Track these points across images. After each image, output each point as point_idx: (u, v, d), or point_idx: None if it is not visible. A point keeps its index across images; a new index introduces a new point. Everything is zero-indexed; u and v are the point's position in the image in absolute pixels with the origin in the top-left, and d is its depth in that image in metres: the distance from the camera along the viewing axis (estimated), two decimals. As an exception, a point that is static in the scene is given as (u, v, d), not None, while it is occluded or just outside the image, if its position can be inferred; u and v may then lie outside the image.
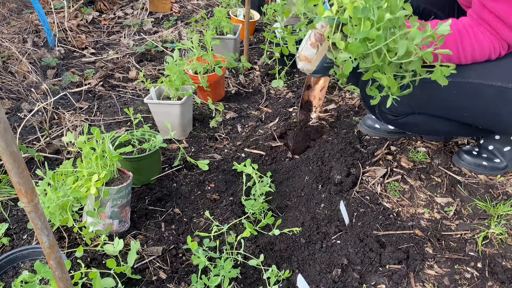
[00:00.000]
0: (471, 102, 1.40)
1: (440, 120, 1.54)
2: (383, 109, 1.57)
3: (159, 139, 1.67)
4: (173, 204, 1.62)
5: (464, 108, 1.43)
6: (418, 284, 1.27)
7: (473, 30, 1.33)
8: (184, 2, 4.05)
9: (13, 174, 0.67)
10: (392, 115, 1.59)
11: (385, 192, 1.64)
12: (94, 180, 1.30)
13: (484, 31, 1.31)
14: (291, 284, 1.27)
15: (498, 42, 1.30)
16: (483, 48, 1.32)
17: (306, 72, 1.49)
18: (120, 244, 1.24)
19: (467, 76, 1.36)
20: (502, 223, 1.44)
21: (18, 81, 2.45)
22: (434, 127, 1.62)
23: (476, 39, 1.31)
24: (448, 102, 1.44)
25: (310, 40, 1.39)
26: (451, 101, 1.43)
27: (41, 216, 0.74)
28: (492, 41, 1.31)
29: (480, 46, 1.32)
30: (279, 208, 1.60)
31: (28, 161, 1.85)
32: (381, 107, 1.58)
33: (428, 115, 1.54)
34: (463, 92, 1.39)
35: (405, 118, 1.58)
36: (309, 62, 1.44)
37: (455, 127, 1.57)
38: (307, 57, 1.43)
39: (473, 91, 1.37)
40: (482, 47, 1.31)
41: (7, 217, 1.54)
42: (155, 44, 3.07)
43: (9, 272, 1.25)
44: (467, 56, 1.34)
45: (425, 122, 1.57)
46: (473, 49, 1.32)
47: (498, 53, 1.33)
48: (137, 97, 2.46)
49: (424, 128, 1.67)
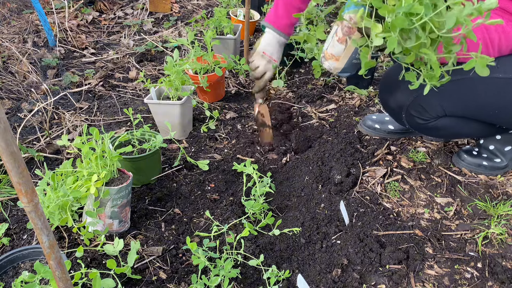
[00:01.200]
0: (503, 98, 1.36)
1: (468, 122, 1.49)
2: (413, 112, 1.48)
3: (159, 139, 1.67)
4: (173, 204, 1.62)
5: (499, 105, 1.38)
6: (418, 284, 1.27)
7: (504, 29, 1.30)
8: (184, 2, 4.06)
9: (13, 174, 0.67)
10: (421, 119, 1.49)
11: (385, 192, 1.64)
12: (94, 180, 1.30)
13: (508, 22, 1.29)
14: (291, 284, 1.27)
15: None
16: (508, 37, 1.29)
17: (333, 71, 1.43)
18: (120, 244, 1.24)
19: (503, 71, 1.32)
20: (502, 223, 1.44)
21: (18, 81, 2.46)
22: (461, 130, 1.56)
23: (501, 28, 1.29)
24: (483, 100, 1.39)
25: (337, 36, 1.33)
26: (486, 98, 1.38)
27: (41, 216, 0.74)
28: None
29: (506, 35, 1.29)
30: (279, 208, 1.60)
31: (28, 161, 1.85)
32: (410, 111, 1.49)
33: (458, 117, 1.48)
34: (496, 87, 1.34)
35: (435, 122, 1.50)
36: (337, 60, 1.39)
37: (481, 128, 1.53)
38: (334, 55, 1.38)
39: (506, 86, 1.33)
40: (507, 35, 1.29)
41: (7, 217, 1.54)
42: (155, 44, 3.07)
43: (9, 272, 1.25)
44: (494, 46, 1.30)
45: (453, 125, 1.51)
46: (499, 39, 1.29)
47: None
48: (137, 97, 2.46)
49: (450, 132, 1.60)
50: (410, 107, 1.48)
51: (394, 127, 1.89)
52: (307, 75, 2.65)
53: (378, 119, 1.94)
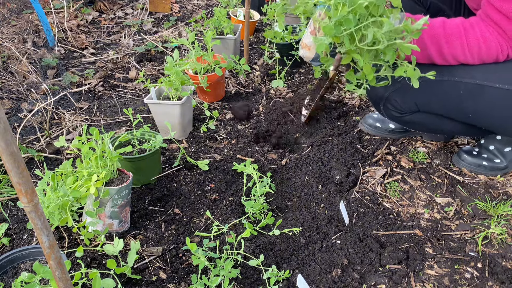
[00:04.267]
0: (476, 103, 1.39)
1: (445, 119, 1.54)
2: (389, 105, 1.56)
3: (159, 139, 1.67)
4: (173, 204, 1.62)
5: (470, 109, 1.42)
6: (418, 284, 1.27)
7: (481, 29, 1.31)
8: (184, 2, 4.06)
9: (13, 174, 0.67)
10: (397, 112, 1.58)
11: (385, 192, 1.64)
12: (94, 180, 1.30)
13: (492, 31, 1.29)
14: (291, 284, 1.27)
15: (506, 43, 1.29)
16: (490, 48, 1.30)
17: (305, 60, 1.55)
18: (120, 244, 1.24)
19: (474, 77, 1.36)
20: (502, 223, 1.44)
21: (18, 81, 2.45)
22: (439, 126, 1.61)
23: (483, 38, 1.29)
24: (454, 102, 1.43)
25: (310, 28, 1.45)
26: (456, 101, 1.42)
27: (41, 216, 0.74)
28: (500, 41, 1.29)
29: (487, 46, 1.29)
30: (279, 208, 1.60)
31: (28, 161, 1.85)
32: (387, 104, 1.57)
33: (433, 114, 1.53)
34: (470, 93, 1.37)
35: (410, 116, 1.57)
36: (309, 49, 1.51)
37: (459, 127, 1.56)
38: (306, 44, 1.50)
39: (479, 92, 1.36)
40: (489, 47, 1.30)
41: (7, 217, 1.54)
42: (155, 44, 3.07)
43: (9, 272, 1.25)
44: (473, 55, 1.32)
45: (430, 121, 1.57)
46: (479, 48, 1.30)
47: (506, 54, 1.31)
48: (137, 97, 2.46)
49: (428, 127, 1.66)
50: (387, 100, 1.55)
51: (395, 125, 1.89)
52: (307, 75, 2.65)
53: (379, 117, 1.94)
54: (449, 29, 1.32)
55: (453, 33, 1.32)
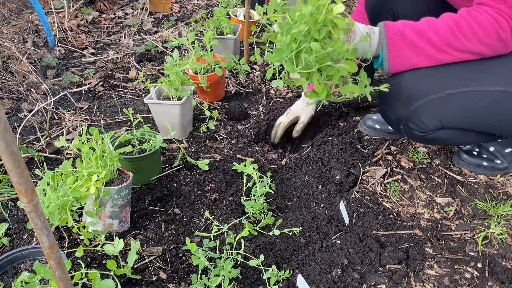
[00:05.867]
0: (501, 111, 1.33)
1: (468, 132, 1.46)
2: (411, 125, 1.43)
3: (159, 139, 1.67)
4: (173, 204, 1.62)
5: (497, 119, 1.36)
6: (418, 284, 1.27)
7: (470, 13, 1.25)
8: (184, 2, 4.06)
9: (13, 174, 0.67)
10: (419, 131, 1.45)
11: (385, 192, 1.64)
12: (94, 180, 1.30)
13: (481, 12, 1.23)
14: (291, 284, 1.27)
15: (503, 17, 1.20)
16: (484, 26, 1.21)
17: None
18: (120, 244, 1.24)
19: (494, 84, 1.29)
20: (502, 223, 1.44)
21: (18, 81, 2.45)
22: (462, 140, 1.53)
23: (474, 20, 1.22)
24: (478, 114, 1.36)
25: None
26: (481, 112, 1.35)
27: (41, 216, 0.74)
28: (494, 16, 1.20)
29: (480, 25, 1.21)
30: (279, 208, 1.60)
31: (28, 161, 1.85)
32: (408, 123, 1.43)
33: (458, 129, 1.44)
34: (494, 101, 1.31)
35: (434, 134, 1.45)
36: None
37: (480, 137, 1.50)
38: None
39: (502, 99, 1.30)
40: (483, 25, 1.21)
41: (7, 217, 1.54)
42: (155, 44, 3.07)
43: (9, 272, 1.25)
44: (472, 41, 1.24)
45: (453, 136, 1.47)
46: (473, 31, 1.23)
47: (509, 29, 1.21)
48: (137, 97, 2.46)
49: (451, 142, 1.59)
50: (409, 119, 1.42)
51: (394, 127, 1.89)
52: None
53: (378, 119, 1.94)
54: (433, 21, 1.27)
55: (438, 21, 1.26)
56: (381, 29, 1.31)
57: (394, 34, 1.29)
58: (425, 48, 1.28)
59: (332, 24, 1.12)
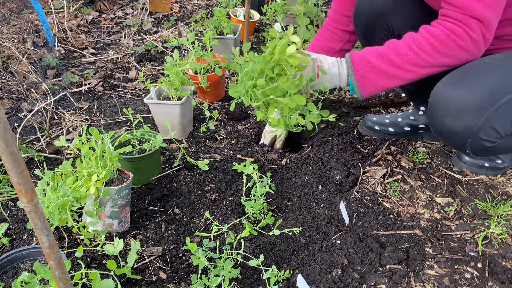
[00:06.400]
0: None
1: None
2: (482, 136, 1.34)
3: (159, 139, 1.67)
4: (173, 204, 1.62)
5: None
6: (418, 284, 1.27)
7: (427, 29, 1.30)
8: (184, 2, 4.06)
9: (13, 174, 0.67)
10: (490, 142, 1.37)
11: (385, 192, 1.64)
12: (94, 180, 1.30)
13: (438, 25, 1.28)
14: (291, 284, 1.27)
15: (459, 27, 1.25)
16: (441, 39, 1.26)
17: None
18: (120, 244, 1.24)
19: None
20: (502, 223, 1.44)
21: (18, 81, 2.45)
22: None
23: (431, 35, 1.28)
24: None
25: None
26: None
27: (41, 216, 0.74)
28: (450, 28, 1.25)
29: (437, 39, 1.27)
30: (279, 208, 1.60)
31: (28, 161, 1.85)
32: (479, 135, 1.34)
33: None
34: None
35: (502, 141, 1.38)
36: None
37: None
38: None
39: None
40: (439, 38, 1.27)
41: (7, 217, 1.54)
42: (155, 44, 3.07)
43: (9, 272, 1.25)
44: (433, 55, 1.29)
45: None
46: (431, 46, 1.28)
47: (467, 35, 1.25)
48: (137, 97, 2.46)
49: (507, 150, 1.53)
50: (479, 131, 1.32)
51: (394, 129, 1.89)
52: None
53: (378, 120, 1.93)
54: (394, 43, 1.34)
55: (399, 42, 1.33)
56: (347, 59, 1.39)
57: (358, 62, 1.36)
58: (389, 70, 1.33)
59: (285, 63, 1.26)
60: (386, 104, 2.24)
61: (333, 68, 1.42)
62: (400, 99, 2.24)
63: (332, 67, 1.41)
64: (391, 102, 2.24)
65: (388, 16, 1.53)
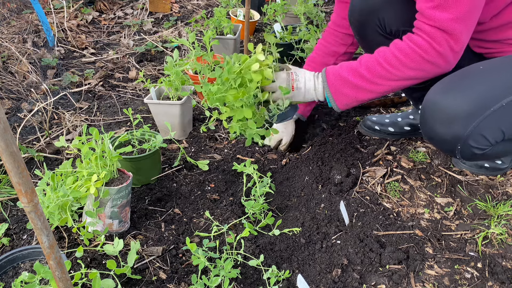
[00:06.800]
0: None
1: None
2: (471, 143, 1.35)
3: (159, 139, 1.67)
4: (173, 204, 1.62)
5: None
6: (418, 284, 1.27)
7: (395, 44, 1.34)
8: (184, 2, 4.05)
9: (13, 174, 0.67)
10: (479, 149, 1.38)
11: (385, 192, 1.64)
12: (94, 180, 1.30)
13: (405, 40, 1.32)
14: (291, 284, 1.27)
15: (424, 40, 1.27)
16: (407, 53, 1.30)
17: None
18: (120, 244, 1.24)
19: None
20: (502, 223, 1.44)
21: (18, 81, 2.45)
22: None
23: (398, 49, 1.32)
24: None
25: None
26: None
27: (40, 216, 0.74)
28: (416, 41, 1.29)
29: (403, 53, 1.31)
30: (279, 209, 1.60)
31: (28, 161, 1.85)
32: (468, 142, 1.34)
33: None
34: None
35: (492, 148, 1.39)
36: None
37: None
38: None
39: None
40: (405, 53, 1.30)
41: (7, 217, 1.54)
42: (155, 44, 3.07)
43: (9, 272, 1.25)
44: (400, 69, 1.32)
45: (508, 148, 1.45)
46: (398, 60, 1.32)
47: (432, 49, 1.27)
48: (137, 97, 2.46)
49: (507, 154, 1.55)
50: (468, 138, 1.33)
51: (394, 129, 1.89)
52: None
53: (378, 120, 1.94)
54: (365, 58, 1.39)
55: (370, 57, 1.37)
56: (322, 73, 1.46)
57: (332, 77, 1.42)
58: (360, 84, 1.38)
59: (249, 77, 1.38)
60: (386, 104, 2.24)
61: (309, 83, 1.48)
62: (400, 99, 2.24)
63: (307, 81, 1.48)
64: (391, 102, 2.24)
65: (380, 12, 1.54)
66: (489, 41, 1.44)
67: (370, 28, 1.61)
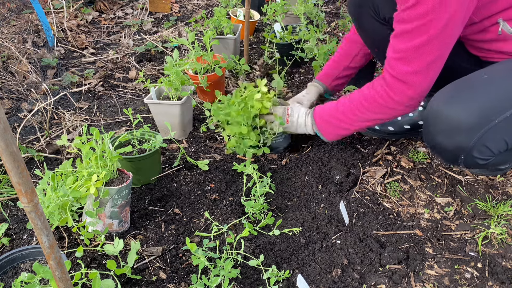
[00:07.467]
0: None
1: None
2: (475, 154, 1.34)
3: (159, 139, 1.67)
4: (173, 204, 1.62)
5: None
6: (418, 284, 1.27)
7: (362, 91, 1.51)
8: (184, 2, 4.05)
9: (13, 174, 0.67)
10: (483, 160, 1.38)
11: (385, 192, 1.64)
12: (94, 180, 1.30)
13: (370, 87, 1.49)
14: (291, 284, 1.27)
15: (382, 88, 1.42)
16: (368, 100, 1.48)
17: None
18: (120, 244, 1.24)
19: None
20: (502, 223, 1.44)
21: (18, 81, 2.45)
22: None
23: (363, 96, 1.50)
24: None
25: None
26: None
27: (40, 216, 0.74)
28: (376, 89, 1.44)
29: (367, 100, 1.48)
30: (279, 208, 1.60)
31: (28, 161, 1.85)
32: (472, 153, 1.34)
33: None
34: None
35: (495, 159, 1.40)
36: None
37: None
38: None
39: None
40: (368, 100, 1.48)
41: (7, 217, 1.54)
42: (155, 44, 3.07)
43: (9, 272, 1.25)
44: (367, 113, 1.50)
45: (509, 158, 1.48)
46: (363, 106, 1.49)
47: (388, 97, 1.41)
48: (137, 97, 2.46)
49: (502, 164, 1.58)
50: (472, 149, 1.32)
51: (394, 128, 1.89)
52: (307, 75, 2.65)
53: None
54: (341, 103, 1.60)
55: (345, 102, 1.58)
56: (311, 113, 1.70)
57: (318, 118, 1.66)
58: (339, 124, 1.60)
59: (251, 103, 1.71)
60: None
61: (301, 119, 1.72)
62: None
63: (300, 117, 1.72)
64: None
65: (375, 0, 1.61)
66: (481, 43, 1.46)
67: (365, 13, 1.66)
